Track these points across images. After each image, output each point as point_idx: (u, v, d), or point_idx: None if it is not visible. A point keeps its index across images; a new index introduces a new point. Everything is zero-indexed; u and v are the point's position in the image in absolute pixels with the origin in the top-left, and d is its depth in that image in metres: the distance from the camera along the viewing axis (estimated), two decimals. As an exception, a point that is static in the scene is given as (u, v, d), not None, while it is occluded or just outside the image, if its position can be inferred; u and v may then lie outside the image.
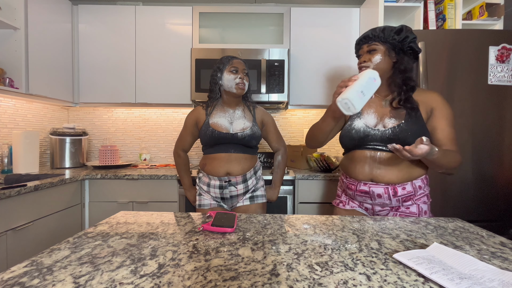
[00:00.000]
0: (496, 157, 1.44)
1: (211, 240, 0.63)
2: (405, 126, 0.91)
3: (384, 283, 0.45)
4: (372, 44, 0.96)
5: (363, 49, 0.99)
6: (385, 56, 0.94)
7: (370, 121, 0.99)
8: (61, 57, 1.85)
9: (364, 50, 0.98)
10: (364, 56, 0.98)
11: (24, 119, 1.85)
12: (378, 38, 0.95)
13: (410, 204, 0.95)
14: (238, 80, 1.19)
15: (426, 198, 0.97)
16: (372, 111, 1.01)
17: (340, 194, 1.11)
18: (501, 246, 0.62)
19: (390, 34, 0.93)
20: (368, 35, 0.96)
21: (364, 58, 0.97)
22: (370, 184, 0.96)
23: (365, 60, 0.96)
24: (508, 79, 1.43)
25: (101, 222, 0.75)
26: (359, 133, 0.98)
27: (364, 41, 0.98)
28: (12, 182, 1.50)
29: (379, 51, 0.95)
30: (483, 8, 1.63)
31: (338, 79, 1.95)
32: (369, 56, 0.96)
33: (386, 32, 0.93)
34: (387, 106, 0.99)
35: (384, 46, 0.95)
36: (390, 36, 0.93)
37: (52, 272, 0.48)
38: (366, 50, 0.97)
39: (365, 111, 1.02)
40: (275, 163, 1.37)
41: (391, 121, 0.95)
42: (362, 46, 1.00)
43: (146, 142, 2.28)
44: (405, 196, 0.94)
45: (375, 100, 1.02)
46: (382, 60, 0.94)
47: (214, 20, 1.96)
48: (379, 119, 0.98)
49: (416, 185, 0.94)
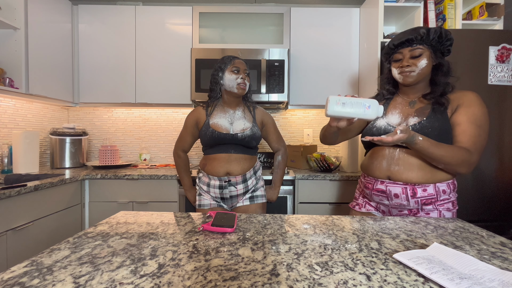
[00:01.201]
0: (496, 157, 1.43)
1: (211, 240, 0.63)
2: (426, 123, 0.89)
3: (384, 283, 0.45)
4: (416, 48, 0.91)
5: (402, 52, 0.93)
6: (429, 60, 0.91)
7: (393, 120, 0.97)
8: (61, 57, 1.85)
9: (405, 54, 0.93)
10: (407, 60, 0.92)
11: (24, 119, 1.85)
12: (423, 41, 0.90)
13: (431, 209, 0.90)
14: (239, 80, 1.19)
15: (451, 205, 0.91)
16: (397, 111, 0.99)
17: (358, 197, 1.10)
18: (501, 246, 0.61)
19: (434, 37, 0.89)
20: (412, 38, 0.90)
21: (408, 62, 0.92)
22: (387, 183, 0.93)
23: (409, 64, 0.91)
24: (508, 79, 1.43)
25: (101, 222, 0.75)
26: (379, 130, 0.97)
27: (406, 44, 0.92)
28: (12, 182, 1.50)
29: (425, 55, 0.91)
30: (483, 8, 1.63)
31: (338, 79, 1.96)
32: (414, 61, 0.91)
33: (431, 35, 0.89)
34: (413, 107, 0.97)
35: (429, 50, 0.91)
36: (435, 40, 0.90)
37: (52, 272, 0.48)
38: (408, 54, 0.92)
39: (389, 111, 1.00)
40: (275, 163, 1.37)
41: (414, 119, 0.93)
42: (401, 50, 0.94)
43: (146, 142, 2.28)
44: (425, 199, 0.89)
45: (401, 101, 1.01)
46: (427, 65, 0.91)
47: (214, 20, 1.96)
48: (403, 118, 0.96)
49: (440, 188, 0.89)
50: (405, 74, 0.93)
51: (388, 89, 1.05)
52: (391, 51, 0.98)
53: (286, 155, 1.39)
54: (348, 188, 1.65)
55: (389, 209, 0.97)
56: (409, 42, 0.92)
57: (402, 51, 0.94)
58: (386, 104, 1.04)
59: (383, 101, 1.06)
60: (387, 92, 1.05)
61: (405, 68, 0.93)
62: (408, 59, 0.92)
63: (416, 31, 0.91)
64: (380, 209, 1.00)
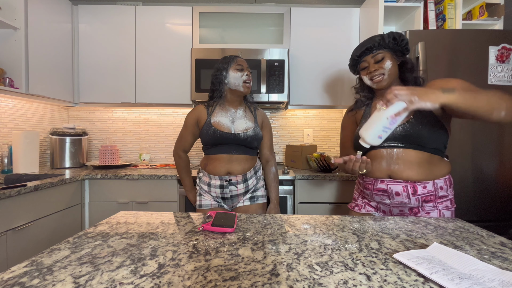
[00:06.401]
0: (496, 157, 1.43)
1: (211, 240, 0.63)
2: (414, 121, 0.91)
3: (384, 283, 0.45)
4: (377, 53, 0.97)
5: (366, 60, 0.99)
6: (392, 60, 0.96)
7: None
8: (61, 57, 1.85)
9: (369, 61, 0.99)
10: (372, 66, 0.98)
11: (24, 119, 1.85)
12: (380, 46, 0.96)
13: (431, 207, 0.92)
14: (245, 77, 1.19)
15: (450, 203, 0.93)
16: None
17: (357, 198, 1.10)
18: (501, 246, 0.61)
19: (390, 40, 0.95)
20: (370, 46, 0.97)
21: (374, 67, 0.97)
22: (388, 182, 0.94)
23: (376, 68, 0.97)
24: (508, 79, 1.43)
25: (101, 222, 0.75)
26: None
27: (366, 52, 0.98)
28: (12, 182, 1.50)
29: (387, 57, 0.96)
30: (483, 8, 1.63)
31: (338, 79, 1.96)
32: (379, 64, 0.96)
33: (386, 39, 0.95)
34: None
35: (389, 52, 0.96)
36: (391, 43, 0.95)
37: (52, 272, 0.48)
38: (372, 60, 0.98)
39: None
40: (270, 175, 1.31)
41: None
42: (364, 59, 1.00)
43: (146, 142, 2.28)
44: (425, 196, 0.90)
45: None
46: (392, 65, 0.96)
47: (214, 20, 1.96)
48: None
49: (438, 185, 0.91)
50: (377, 79, 0.97)
51: (364, 95, 1.09)
52: (355, 61, 1.04)
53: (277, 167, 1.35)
54: (348, 188, 1.65)
55: (390, 208, 0.97)
56: (369, 50, 0.98)
57: (365, 59, 1.00)
58: (368, 108, 1.07)
59: (363, 107, 1.09)
60: (365, 99, 1.09)
61: (374, 73, 0.97)
62: (373, 64, 0.98)
63: (372, 39, 0.97)
64: (381, 210, 1.00)
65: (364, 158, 0.87)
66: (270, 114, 2.25)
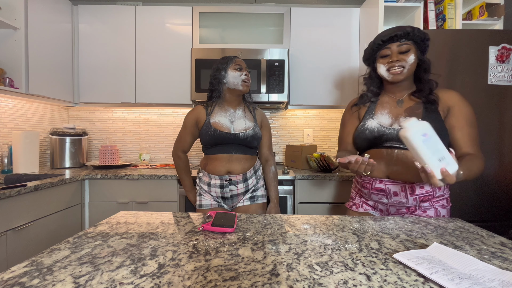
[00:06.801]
0: (496, 157, 1.43)
1: (211, 240, 0.63)
2: None
3: (384, 283, 0.45)
4: (404, 43, 0.91)
5: (390, 48, 0.93)
6: (415, 55, 0.92)
7: (384, 121, 0.97)
8: (61, 57, 1.85)
9: (393, 50, 0.93)
10: (395, 55, 0.92)
11: (24, 119, 1.85)
12: (409, 37, 0.91)
13: (428, 206, 0.92)
14: (244, 76, 1.20)
15: (446, 201, 0.93)
16: (386, 111, 0.98)
17: (354, 196, 1.09)
18: (501, 246, 0.61)
19: (419, 35, 0.90)
20: (400, 34, 0.90)
21: (397, 57, 0.91)
22: (386, 182, 0.93)
23: (398, 59, 0.91)
24: (508, 79, 1.43)
25: (101, 222, 0.75)
26: (373, 133, 0.96)
27: (394, 39, 0.92)
28: (12, 182, 1.50)
29: (412, 51, 0.91)
30: (483, 8, 1.63)
31: (338, 79, 1.96)
32: (403, 56, 0.91)
33: (416, 32, 0.90)
34: (401, 106, 0.97)
35: (414, 46, 0.92)
36: (421, 37, 0.91)
37: (52, 272, 0.48)
38: (396, 50, 0.92)
39: (378, 111, 1.00)
40: (270, 175, 1.30)
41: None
42: (389, 45, 0.93)
43: (146, 142, 2.28)
44: (423, 196, 0.91)
45: (388, 100, 1.00)
46: (414, 60, 0.92)
47: (214, 20, 1.96)
48: (394, 119, 0.96)
49: None
50: (395, 71, 0.92)
51: (372, 90, 1.04)
52: (380, 46, 0.96)
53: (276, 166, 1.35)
54: (348, 188, 1.65)
55: (387, 207, 0.97)
56: (397, 37, 0.92)
57: (390, 46, 0.93)
58: (373, 104, 1.04)
59: (368, 103, 1.05)
60: (371, 94, 1.04)
61: (395, 63, 0.92)
62: (397, 54, 0.92)
63: (403, 28, 0.91)
64: (378, 208, 1.00)
65: (371, 161, 0.83)
66: (270, 114, 2.25)
